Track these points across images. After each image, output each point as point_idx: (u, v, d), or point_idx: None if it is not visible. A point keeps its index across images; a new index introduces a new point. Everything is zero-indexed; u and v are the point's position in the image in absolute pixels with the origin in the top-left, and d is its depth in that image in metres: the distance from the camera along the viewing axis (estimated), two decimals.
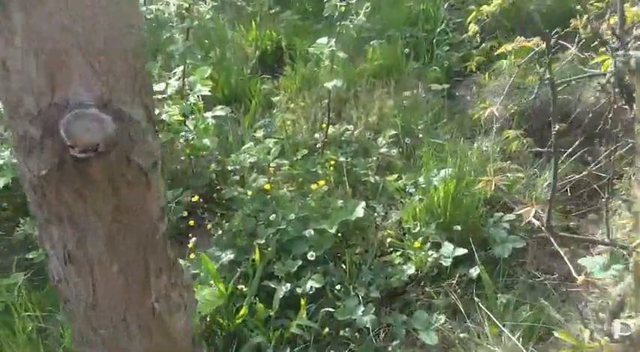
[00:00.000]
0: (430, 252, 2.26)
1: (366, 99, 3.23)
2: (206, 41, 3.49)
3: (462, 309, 2.05)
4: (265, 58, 3.90)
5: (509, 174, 2.56)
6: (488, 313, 1.95)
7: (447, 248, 2.27)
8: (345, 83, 3.33)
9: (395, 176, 2.70)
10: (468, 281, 2.23)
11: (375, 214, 2.50)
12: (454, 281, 2.22)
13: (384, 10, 3.92)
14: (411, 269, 2.24)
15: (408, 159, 2.89)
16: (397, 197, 2.63)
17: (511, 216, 2.43)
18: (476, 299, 2.05)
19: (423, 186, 2.56)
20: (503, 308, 2.03)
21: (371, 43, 3.60)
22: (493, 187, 1.57)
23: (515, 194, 2.54)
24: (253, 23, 4.04)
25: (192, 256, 2.32)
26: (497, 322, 1.88)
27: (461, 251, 2.24)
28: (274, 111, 3.01)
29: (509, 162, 2.70)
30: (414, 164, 2.83)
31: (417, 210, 2.45)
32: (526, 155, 2.78)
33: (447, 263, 2.23)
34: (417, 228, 2.39)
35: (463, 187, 2.40)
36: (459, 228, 2.35)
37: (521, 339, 1.85)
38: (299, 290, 2.17)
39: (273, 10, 4.36)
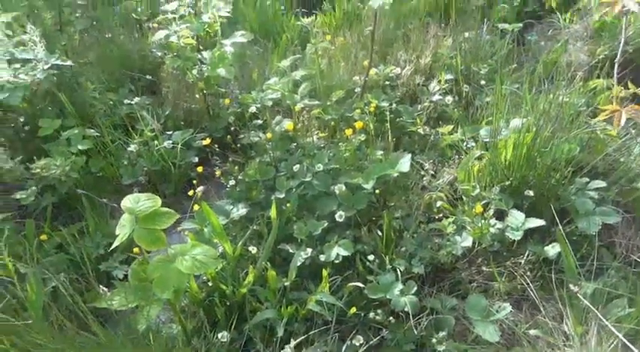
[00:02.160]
0: (493, 222, 1.72)
1: (417, 40, 2.67)
2: None
3: (533, 297, 1.52)
4: None
5: (598, 131, 1.95)
6: (569, 305, 1.42)
7: (516, 217, 1.72)
8: (393, 20, 2.83)
9: (449, 127, 2.17)
10: (540, 262, 1.68)
11: (423, 172, 2.00)
12: (522, 261, 1.68)
13: None
14: (466, 242, 1.71)
15: (465, 109, 2.33)
16: (451, 153, 2.10)
17: (600, 183, 1.84)
18: (553, 285, 1.51)
19: (486, 140, 2.00)
20: (592, 300, 1.47)
21: None
22: (623, 121, 1.00)
23: (606, 157, 1.94)
24: None
25: (196, 207, 1.88)
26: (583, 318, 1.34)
27: (535, 222, 1.68)
28: (308, 47, 2.50)
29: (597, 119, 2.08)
30: (474, 115, 2.28)
31: (477, 168, 1.90)
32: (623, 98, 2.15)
33: (514, 236, 1.68)
34: (476, 191, 1.85)
35: (540, 142, 1.82)
36: (531, 193, 1.78)
37: (619, 344, 1.31)
38: (322, 258, 1.72)
39: None
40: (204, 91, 2.30)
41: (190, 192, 1.94)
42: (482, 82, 2.42)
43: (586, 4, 2.59)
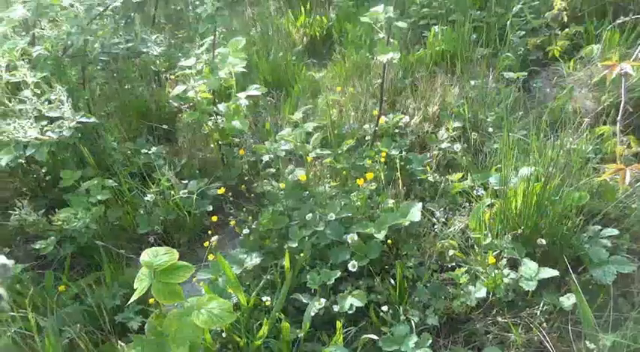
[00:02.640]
0: (506, 271, 1.72)
1: (425, 88, 2.74)
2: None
3: (550, 350, 1.49)
4: (314, 44, 3.53)
5: (607, 178, 1.96)
6: None
7: (529, 266, 1.72)
8: (401, 70, 2.92)
9: (459, 175, 2.19)
10: (557, 313, 1.66)
11: (434, 219, 2.01)
12: (538, 311, 1.66)
13: None
14: (480, 292, 1.70)
15: (474, 156, 2.36)
16: (461, 200, 2.12)
17: (612, 231, 1.84)
18: (570, 337, 1.49)
19: (496, 187, 2.02)
20: None
21: (432, 27, 3.12)
22: (628, 179, 1.03)
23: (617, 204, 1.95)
24: (302, 8, 3.67)
25: (211, 257, 1.91)
26: None
27: (549, 272, 1.68)
28: (319, 98, 2.58)
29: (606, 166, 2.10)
30: (483, 162, 2.31)
31: (488, 216, 1.92)
32: (626, 156, 2.17)
33: (528, 286, 1.67)
34: (488, 239, 1.85)
35: (550, 191, 1.84)
36: (543, 241, 1.79)
37: None
38: (335, 309, 1.72)
39: None
40: (219, 142, 2.37)
41: (205, 243, 1.96)
42: (490, 130, 2.46)
43: (588, 53, 2.66)
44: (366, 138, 2.46)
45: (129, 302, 1.43)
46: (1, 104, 1.92)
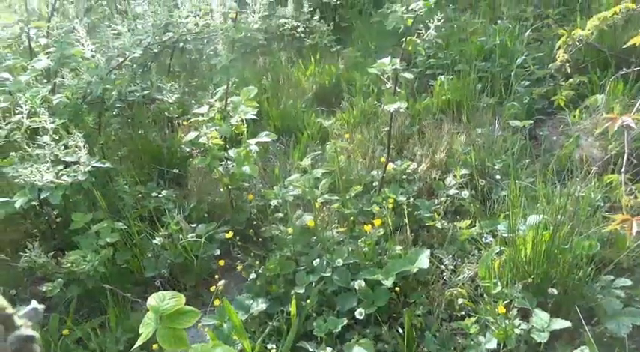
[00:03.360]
0: (517, 322, 1.68)
1: (432, 135, 2.80)
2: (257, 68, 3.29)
3: None
4: (323, 93, 3.62)
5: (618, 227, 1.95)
6: None
7: (540, 317, 1.68)
8: (409, 117, 2.99)
9: (467, 222, 2.19)
10: None
11: (443, 267, 1.99)
12: None
13: (453, 45, 3.54)
14: (490, 343, 1.66)
15: (482, 203, 2.37)
16: (470, 247, 2.11)
17: (625, 281, 1.81)
18: None
19: (504, 235, 2.02)
20: None
21: (439, 77, 3.22)
22: (634, 230, 1.03)
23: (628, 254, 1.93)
24: (312, 58, 3.81)
25: (217, 302, 1.90)
26: None
27: (561, 323, 1.64)
28: (328, 144, 2.64)
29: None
30: (491, 209, 2.31)
31: (497, 264, 1.90)
32: (636, 205, 2.16)
33: (540, 338, 1.63)
34: (498, 288, 1.83)
35: (559, 239, 1.83)
36: (554, 291, 1.76)
37: None
38: None
39: (335, 49, 4.14)
40: (229, 186, 2.40)
41: (212, 287, 1.96)
42: (497, 177, 2.48)
43: (592, 102, 2.71)
44: (374, 185, 2.48)
45: (132, 348, 1.42)
46: (20, 149, 1.98)
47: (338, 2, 4.43)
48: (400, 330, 1.77)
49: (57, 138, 1.98)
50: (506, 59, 3.33)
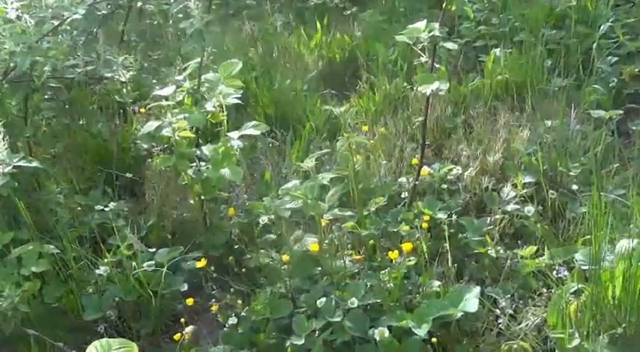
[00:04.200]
0: None
1: (483, 130, 2.81)
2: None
3: None
4: (332, 70, 3.65)
5: None
6: None
7: None
8: (450, 105, 3.01)
9: (532, 249, 2.19)
10: None
11: (498, 311, 1.99)
12: None
13: (512, 7, 3.55)
14: None
15: (553, 223, 2.37)
16: (536, 284, 2.11)
17: None
18: None
19: (584, 267, 2.00)
20: None
21: (492, 50, 3.23)
22: None
23: None
24: (318, 24, 3.83)
25: None
26: None
27: None
28: (339, 140, 2.65)
29: None
30: (565, 232, 2.31)
31: (574, 308, 1.89)
32: None
33: None
34: (575, 341, 1.81)
35: None
36: None
37: None
38: None
39: (349, 11, 4.16)
40: (202, 197, 2.39)
41: (176, 336, 1.95)
42: (574, 187, 2.46)
43: None
44: (403, 196, 2.48)
45: None
46: None
47: None
48: None
49: None
50: (585, 26, 3.33)
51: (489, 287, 2.10)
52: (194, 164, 2.36)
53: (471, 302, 1.92)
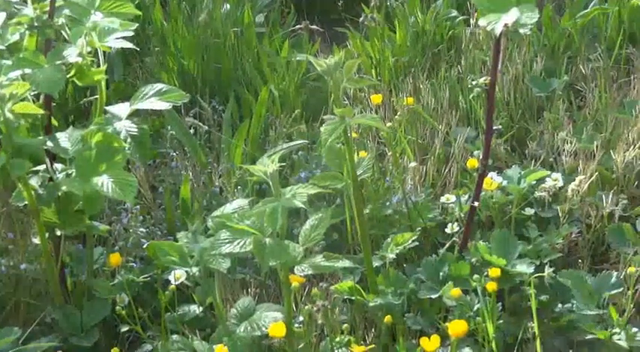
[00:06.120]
0: None
1: (604, 102, 2.89)
2: None
3: None
4: None
5: None
6: None
7: None
8: (543, 55, 3.04)
9: None
10: None
11: None
12: None
13: None
14: None
15: None
16: None
17: None
18: None
19: None
20: None
21: None
22: None
23: None
24: None
25: None
26: None
27: None
28: (325, 121, 2.68)
29: None
30: None
31: None
32: None
33: None
34: None
35: None
36: None
37: None
38: None
39: None
40: (58, 231, 2.43)
41: None
42: None
43: None
44: (448, 231, 2.53)
45: None
46: None
47: None
48: None
49: None
50: None
51: None
52: (42, 167, 2.39)
53: None
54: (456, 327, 2.09)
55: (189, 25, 3.28)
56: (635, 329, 2.28)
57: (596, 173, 2.66)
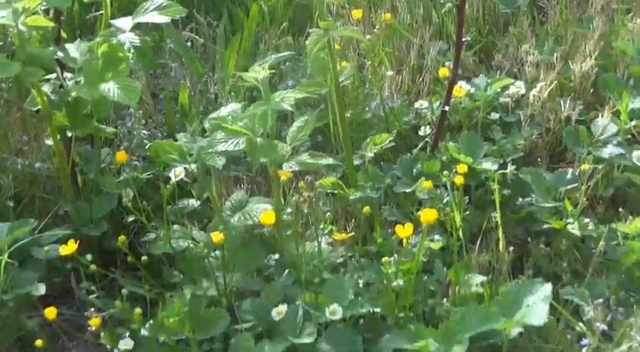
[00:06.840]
0: None
1: (564, 18, 2.99)
2: None
3: None
4: None
5: None
6: None
7: None
8: None
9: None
10: None
11: (581, 324, 2.10)
12: None
13: None
14: None
15: None
16: None
17: None
18: None
19: None
20: None
21: None
22: None
23: None
24: None
25: None
26: None
27: None
28: (311, 33, 2.74)
29: None
30: None
31: None
32: None
33: None
34: None
35: None
36: None
37: None
38: None
39: None
40: (68, 133, 2.53)
41: None
42: None
43: None
44: (421, 133, 2.63)
45: None
46: None
47: None
48: None
49: None
50: None
51: (567, 287, 2.19)
52: (53, 75, 2.47)
53: (535, 310, 1.97)
54: (427, 215, 2.11)
55: None
56: (586, 220, 2.37)
57: (556, 81, 2.76)
